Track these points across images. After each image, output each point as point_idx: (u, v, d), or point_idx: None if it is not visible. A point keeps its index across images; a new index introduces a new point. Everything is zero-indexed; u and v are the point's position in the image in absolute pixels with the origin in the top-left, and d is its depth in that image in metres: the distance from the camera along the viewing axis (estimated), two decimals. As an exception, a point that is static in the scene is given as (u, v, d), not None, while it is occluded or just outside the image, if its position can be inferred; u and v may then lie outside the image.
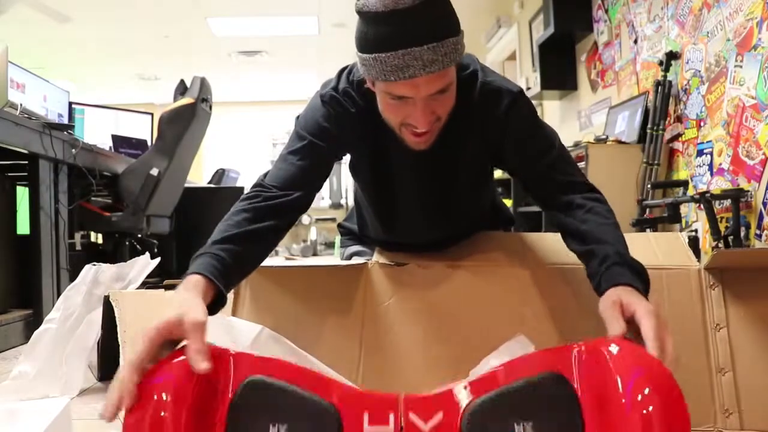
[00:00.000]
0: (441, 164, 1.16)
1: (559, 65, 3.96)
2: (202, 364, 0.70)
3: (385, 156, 1.17)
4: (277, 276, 1.23)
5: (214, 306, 0.86)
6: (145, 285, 1.74)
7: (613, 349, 0.72)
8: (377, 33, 0.93)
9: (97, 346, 1.65)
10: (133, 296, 1.55)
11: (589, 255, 0.98)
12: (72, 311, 1.62)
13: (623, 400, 0.65)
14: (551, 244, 1.27)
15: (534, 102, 4.62)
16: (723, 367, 1.11)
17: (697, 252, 2.36)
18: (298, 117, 1.16)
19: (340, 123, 1.11)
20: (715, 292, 1.16)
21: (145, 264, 1.76)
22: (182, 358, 0.71)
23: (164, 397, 0.65)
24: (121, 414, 0.68)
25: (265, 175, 1.11)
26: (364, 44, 0.95)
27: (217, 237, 0.96)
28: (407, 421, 0.75)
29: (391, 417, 0.75)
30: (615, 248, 0.96)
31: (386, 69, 0.93)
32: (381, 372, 1.18)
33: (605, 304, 0.85)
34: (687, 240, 1.28)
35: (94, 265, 1.70)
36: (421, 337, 1.20)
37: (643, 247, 1.24)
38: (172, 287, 1.58)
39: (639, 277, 0.91)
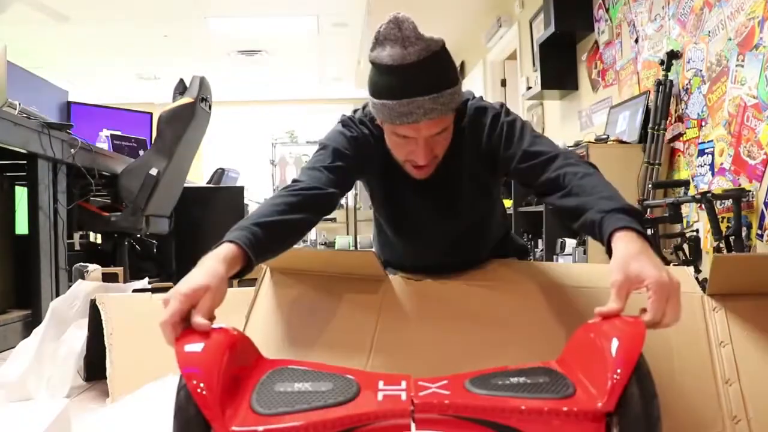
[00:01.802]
0: (444, 184, 1.27)
1: (559, 65, 3.95)
2: (198, 322, 0.84)
3: (394, 178, 1.28)
4: (301, 276, 1.26)
5: (241, 273, 0.98)
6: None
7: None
8: (387, 83, 1.09)
9: (83, 347, 1.65)
10: (119, 300, 1.56)
11: (583, 209, 1.01)
12: (59, 321, 1.63)
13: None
14: (563, 270, 1.33)
15: (534, 102, 4.60)
16: (729, 378, 1.14)
17: (698, 252, 2.35)
18: (333, 134, 1.27)
19: (358, 142, 1.24)
20: (718, 314, 1.20)
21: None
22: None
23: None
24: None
25: (302, 174, 1.21)
26: (375, 91, 1.12)
27: (254, 219, 1.03)
28: (416, 383, 0.86)
29: (403, 382, 0.86)
30: (606, 197, 0.99)
31: (393, 114, 1.09)
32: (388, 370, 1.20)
33: (617, 268, 0.87)
34: (693, 274, 1.33)
35: (85, 272, 1.71)
36: (432, 346, 1.22)
37: None
38: (159, 290, 1.60)
39: (635, 219, 0.93)
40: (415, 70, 1.06)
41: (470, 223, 1.35)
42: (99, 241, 3.31)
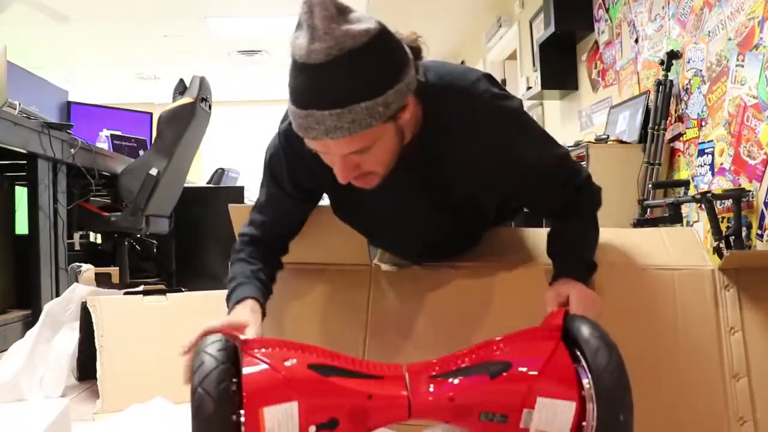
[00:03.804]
0: (420, 188, 1.07)
1: (559, 65, 3.94)
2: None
3: (353, 189, 1.03)
4: (282, 274, 1.24)
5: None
6: (144, 285, 1.74)
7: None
8: (292, 83, 0.88)
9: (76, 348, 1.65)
10: (111, 302, 1.56)
11: (554, 255, 1.14)
12: (53, 323, 1.63)
13: None
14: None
15: (534, 102, 4.59)
16: (737, 373, 1.07)
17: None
18: (267, 153, 1.14)
19: (294, 161, 1.07)
20: (729, 293, 1.12)
21: None
22: None
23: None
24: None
25: (250, 222, 1.18)
26: (288, 88, 0.89)
27: (249, 275, 1.08)
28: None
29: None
30: (573, 249, 1.11)
31: (295, 124, 0.89)
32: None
33: (549, 292, 1.05)
34: (701, 236, 1.25)
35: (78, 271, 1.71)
36: (425, 337, 1.20)
37: (653, 244, 1.22)
38: (151, 293, 1.60)
39: (585, 269, 1.08)
40: (317, 75, 0.83)
41: (448, 231, 1.17)
42: (99, 241, 3.31)
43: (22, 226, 2.39)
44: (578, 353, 0.87)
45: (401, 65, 0.88)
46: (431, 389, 0.88)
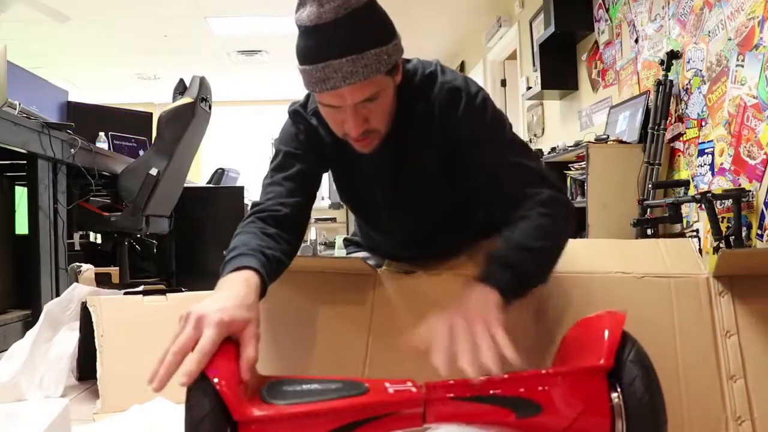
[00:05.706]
0: (404, 167, 1.17)
1: (559, 65, 3.95)
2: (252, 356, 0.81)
3: (351, 166, 1.21)
4: (285, 277, 1.24)
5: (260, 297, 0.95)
6: (144, 285, 1.74)
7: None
8: (304, 46, 1.00)
9: (76, 347, 1.65)
10: (111, 302, 1.56)
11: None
12: (53, 323, 1.63)
13: None
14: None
15: (534, 102, 4.60)
16: (734, 374, 1.10)
17: (698, 252, 2.35)
18: (278, 135, 1.23)
19: (308, 135, 1.19)
20: (724, 299, 1.16)
21: None
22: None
23: None
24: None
25: (263, 193, 1.17)
26: (298, 56, 1.02)
27: (251, 246, 0.99)
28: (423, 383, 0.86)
29: (409, 383, 0.86)
30: (506, 246, 1.03)
31: (311, 81, 1.00)
32: (386, 376, 1.18)
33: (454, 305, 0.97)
34: (697, 246, 1.29)
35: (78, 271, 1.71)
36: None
37: (651, 254, 1.27)
38: (151, 293, 1.60)
39: (503, 273, 0.98)
40: (332, 30, 0.96)
41: (439, 204, 1.22)
42: (99, 241, 3.31)
43: (22, 226, 2.39)
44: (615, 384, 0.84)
45: (393, 26, 1.04)
46: (449, 411, 0.84)
